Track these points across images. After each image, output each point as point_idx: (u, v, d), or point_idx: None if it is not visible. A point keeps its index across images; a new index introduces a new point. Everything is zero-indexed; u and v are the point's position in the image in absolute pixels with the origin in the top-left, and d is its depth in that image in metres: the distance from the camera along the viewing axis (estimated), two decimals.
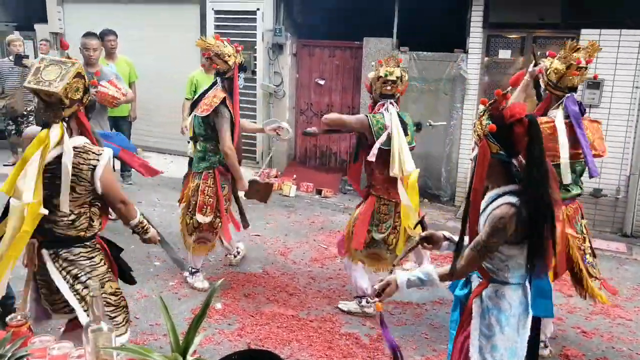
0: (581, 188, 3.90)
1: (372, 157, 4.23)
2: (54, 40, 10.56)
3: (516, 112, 2.26)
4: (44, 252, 2.91)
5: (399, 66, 4.36)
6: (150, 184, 8.03)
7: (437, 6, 7.57)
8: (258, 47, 8.77)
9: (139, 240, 3.24)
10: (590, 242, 3.92)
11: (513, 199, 2.31)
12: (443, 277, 2.54)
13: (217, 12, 9.12)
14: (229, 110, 4.57)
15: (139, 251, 5.48)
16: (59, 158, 2.78)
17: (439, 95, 7.61)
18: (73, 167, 2.80)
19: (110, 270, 3.11)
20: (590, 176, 3.82)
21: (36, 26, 10.67)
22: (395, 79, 4.28)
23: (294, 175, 8.39)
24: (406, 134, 4.29)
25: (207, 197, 4.67)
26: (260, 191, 5.05)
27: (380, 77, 4.30)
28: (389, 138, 4.21)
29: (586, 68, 3.81)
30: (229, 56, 4.58)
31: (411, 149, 4.32)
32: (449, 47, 7.52)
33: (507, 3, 7.19)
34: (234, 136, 4.61)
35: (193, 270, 4.97)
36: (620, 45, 6.58)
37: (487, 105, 2.38)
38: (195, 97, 5.00)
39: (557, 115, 3.72)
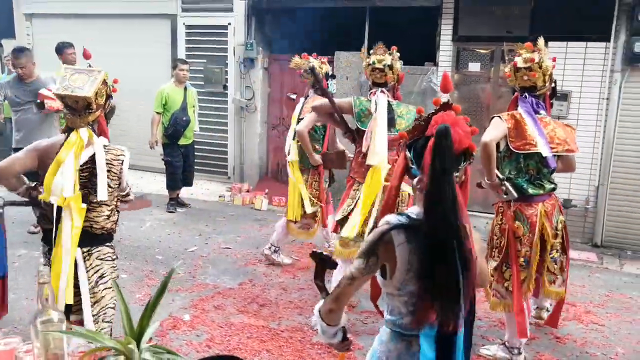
0: (554, 183, 3.91)
1: (351, 125, 4.40)
2: None
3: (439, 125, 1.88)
4: (77, 250, 3.06)
5: (390, 54, 4.37)
6: None
7: (407, 20, 7.66)
8: (229, 61, 8.74)
9: None
10: (564, 239, 3.96)
11: (394, 218, 1.91)
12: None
13: (188, 26, 9.08)
14: None
15: None
16: (91, 158, 3.06)
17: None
18: (109, 162, 3.11)
19: (116, 274, 3.29)
20: (549, 168, 3.84)
21: (3, 41, 10.46)
22: (382, 67, 4.28)
23: (266, 190, 8.30)
24: (392, 125, 4.24)
25: (314, 190, 5.35)
26: (334, 160, 5.36)
27: (369, 65, 4.34)
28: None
29: (528, 69, 3.83)
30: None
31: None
32: (419, 61, 7.57)
33: (475, 16, 7.29)
34: (325, 135, 5.41)
35: (275, 248, 5.67)
36: (586, 58, 6.71)
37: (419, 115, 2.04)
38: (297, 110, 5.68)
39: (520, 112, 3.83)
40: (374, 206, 4.23)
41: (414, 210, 1.94)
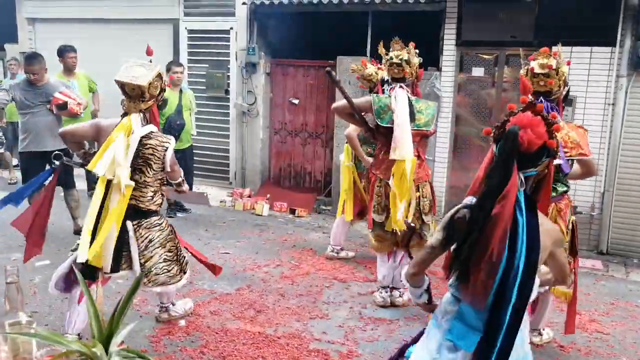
0: (567, 185, 3.89)
1: (371, 124, 4.55)
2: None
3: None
4: (128, 223, 3.69)
5: (407, 50, 4.50)
6: None
7: (410, 25, 7.58)
8: (231, 66, 8.69)
9: None
10: (574, 240, 3.92)
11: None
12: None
13: (190, 31, 9.04)
14: None
15: None
16: (141, 141, 3.62)
17: None
18: (151, 148, 3.66)
19: (172, 230, 3.96)
20: (563, 173, 3.79)
21: (6, 46, 10.48)
22: (399, 61, 4.43)
23: (268, 195, 8.23)
24: (412, 120, 4.32)
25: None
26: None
27: (388, 60, 4.49)
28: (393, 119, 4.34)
29: (539, 75, 3.85)
30: (370, 75, 5.57)
31: (428, 134, 4.49)
32: (422, 65, 7.46)
33: (479, 21, 7.21)
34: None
35: (335, 247, 5.99)
36: (592, 63, 6.61)
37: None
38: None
39: None
40: (412, 198, 4.43)
41: None
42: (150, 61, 3.79)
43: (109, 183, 3.57)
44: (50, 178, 4.15)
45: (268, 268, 5.64)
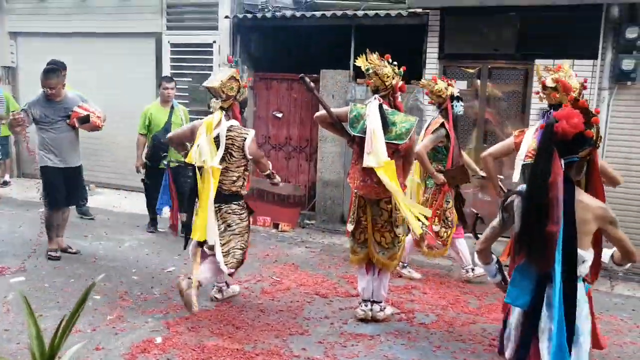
0: None
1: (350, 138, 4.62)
2: (6, 74, 10.26)
3: None
4: (211, 204, 4.45)
5: (387, 63, 4.54)
6: (100, 219, 7.74)
7: (393, 38, 7.58)
8: None
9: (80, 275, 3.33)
10: None
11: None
12: None
13: (173, 45, 8.99)
14: (447, 130, 5.44)
15: (77, 285, 5.19)
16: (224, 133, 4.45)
17: None
18: (231, 138, 4.46)
19: (249, 225, 4.75)
20: None
21: None
22: (371, 72, 4.49)
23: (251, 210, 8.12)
24: (385, 132, 4.32)
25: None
26: (457, 176, 5.36)
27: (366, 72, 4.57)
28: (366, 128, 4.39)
29: (554, 89, 4.17)
30: (440, 91, 5.55)
31: (398, 148, 4.42)
32: (405, 78, 7.45)
33: (461, 34, 7.22)
34: (449, 154, 5.47)
35: (404, 264, 5.89)
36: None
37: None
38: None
39: None
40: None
41: None
42: (231, 66, 4.75)
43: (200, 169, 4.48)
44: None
45: (248, 284, 5.54)
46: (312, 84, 4.80)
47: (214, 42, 8.61)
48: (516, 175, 4.17)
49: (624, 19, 6.37)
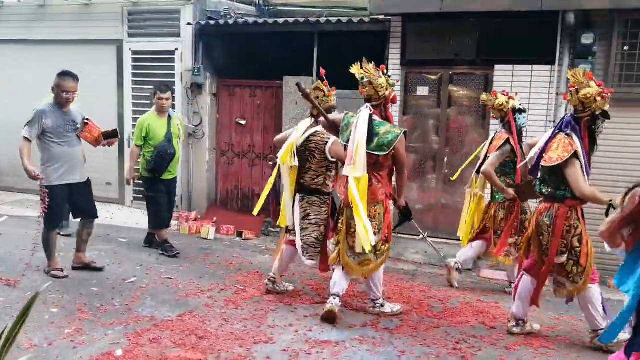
0: (553, 189, 4.40)
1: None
2: None
3: None
4: (297, 195, 5.16)
5: (382, 74, 4.68)
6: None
7: (356, 44, 7.62)
8: (177, 87, 8.53)
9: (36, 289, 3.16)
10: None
11: None
12: None
13: (134, 52, 8.87)
14: (512, 145, 5.44)
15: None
16: (308, 138, 5.05)
17: None
18: (314, 143, 5.05)
19: (327, 218, 5.20)
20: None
21: None
22: (365, 81, 4.60)
23: (214, 218, 8.05)
24: (370, 141, 4.49)
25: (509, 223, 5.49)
26: (526, 191, 5.19)
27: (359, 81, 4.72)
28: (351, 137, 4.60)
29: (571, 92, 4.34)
30: (501, 105, 5.57)
31: (378, 159, 4.58)
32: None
33: (423, 41, 7.29)
34: (515, 169, 5.45)
35: (458, 265, 5.94)
36: (533, 81, 6.75)
37: None
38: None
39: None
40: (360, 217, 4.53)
41: None
42: (322, 79, 5.10)
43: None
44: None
45: (212, 293, 5.45)
46: (307, 91, 5.02)
47: (176, 49, 8.52)
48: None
49: (579, 25, 6.51)
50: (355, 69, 4.68)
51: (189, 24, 8.33)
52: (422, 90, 7.35)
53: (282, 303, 5.24)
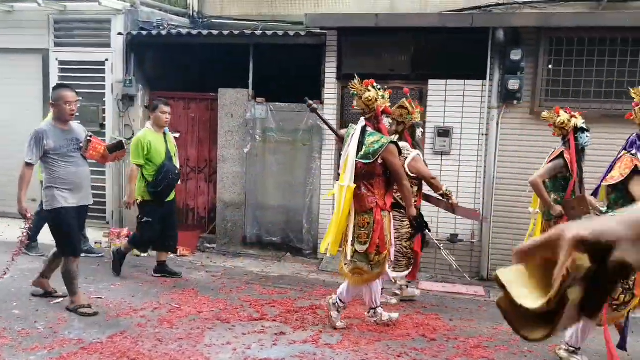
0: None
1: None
2: None
3: None
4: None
5: (372, 87, 4.83)
6: None
7: (293, 58, 7.60)
8: (107, 98, 8.23)
9: None
10: None
11: None
12: None
13: (61, 62, 8.49)
14: (565, 161, 5.02)
15: None
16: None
17: (298, 146, 7.49)
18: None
19: (408, 233, 5.35)
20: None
21: None
22: (356, 96, 4.87)
23: None
24: (359, 150, 4.70)
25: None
26: (576, 207, 4.90)
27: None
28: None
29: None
30: (563, 123, 5.13)
31: (359, 166, 4.69)
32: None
33: (359, 55, 7.34)
34: (569, 184, 5.03)
35: None
36: (465, 95, 6.90)
37: None
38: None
39: None
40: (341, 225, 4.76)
41: None
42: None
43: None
44: None
45: (145, 312, 5.21)
46: (315, 106, 5.21)
47: (107, 60, 8.22)
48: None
49: (509, 42, 6.72)
50: (350, 86, 4.95)
51: (119, 33, 8.06)
52: None
53: (219, 320, 5.06)
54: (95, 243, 7.54)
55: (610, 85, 6.67)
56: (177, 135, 8.12)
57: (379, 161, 4.69)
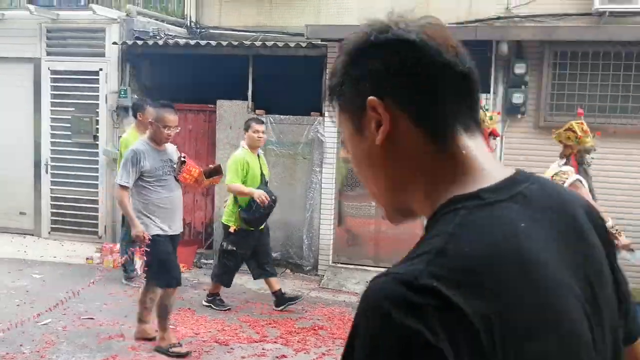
0: None
1: None
2: None
3: None
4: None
5: (480, 109, 4.49)
6: None
7: (293, 69, 7.46)
8: (100, 109, 8.03)
9: None
10: None
11: None
12: None
13: (54, 72, 8.28)
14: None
15: None
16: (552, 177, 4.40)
17: (298, 159, 7.33)
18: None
19: None
20: None
21: None
22: None
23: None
24: None
25: None
26: None
27: None
28: None
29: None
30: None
31: None
32: (305, 111, 7.32)
33: None
34: None
35: None
36: None
37: None
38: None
39: None
40: None
41: None
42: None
43: None
44: None
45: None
46: None
47: (101, 69, 8.02)
48: None
49: (512, 55, 6.60)
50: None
51: (114, 43, 7.87)
52: None
53: (217, 343, 4.86)
54: (87, 259, 7.32)
55: (615, 99, 6.55)
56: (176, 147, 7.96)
57: None
